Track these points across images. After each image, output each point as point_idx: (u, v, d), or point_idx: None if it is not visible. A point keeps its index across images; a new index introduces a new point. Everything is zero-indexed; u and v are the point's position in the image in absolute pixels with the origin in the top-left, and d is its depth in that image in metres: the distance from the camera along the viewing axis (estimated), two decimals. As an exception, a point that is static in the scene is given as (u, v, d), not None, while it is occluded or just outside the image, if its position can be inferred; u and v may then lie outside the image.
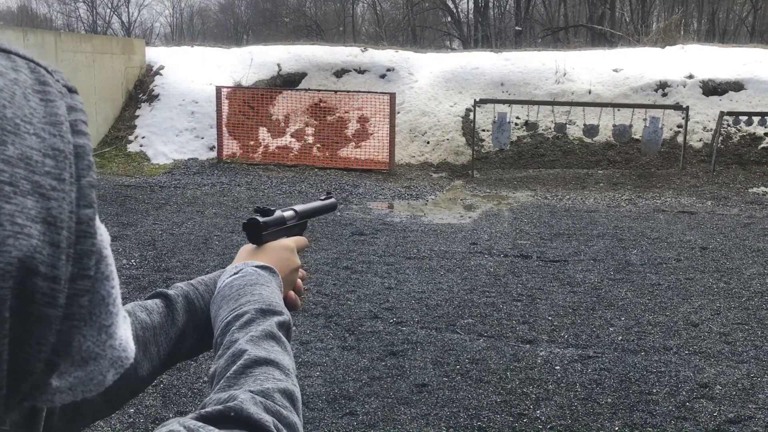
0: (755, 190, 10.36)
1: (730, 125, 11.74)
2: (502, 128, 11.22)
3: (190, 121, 12.93)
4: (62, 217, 0.41)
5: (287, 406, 0.73)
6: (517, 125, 12.22)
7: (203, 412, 0.67)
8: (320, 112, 12.84)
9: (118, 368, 0.48)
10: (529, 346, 4.59)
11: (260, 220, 1.05)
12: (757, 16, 31.10)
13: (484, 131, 12.46)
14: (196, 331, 0.97)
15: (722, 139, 11.81)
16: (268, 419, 0.67)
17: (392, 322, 4.97)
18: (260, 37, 33.81)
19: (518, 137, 12.32)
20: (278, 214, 1.09)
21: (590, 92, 12.84)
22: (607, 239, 7.44)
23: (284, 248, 1.06)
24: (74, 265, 0.42)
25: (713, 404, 3.80)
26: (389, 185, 10.74)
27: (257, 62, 14.16)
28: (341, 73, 14.06)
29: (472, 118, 12.16)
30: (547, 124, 12.30)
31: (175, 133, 12.75)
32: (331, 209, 1.29)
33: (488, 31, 33.12)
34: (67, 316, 0.42)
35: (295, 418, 0.72)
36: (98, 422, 3.39)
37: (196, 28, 48.51)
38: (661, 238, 7.53)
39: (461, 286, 5.81)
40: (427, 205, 9.52)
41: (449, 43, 36.07)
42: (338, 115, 12.75)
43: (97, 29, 38.31)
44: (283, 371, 0.78)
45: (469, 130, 12.44)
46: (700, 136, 12.03)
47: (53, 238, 0.40)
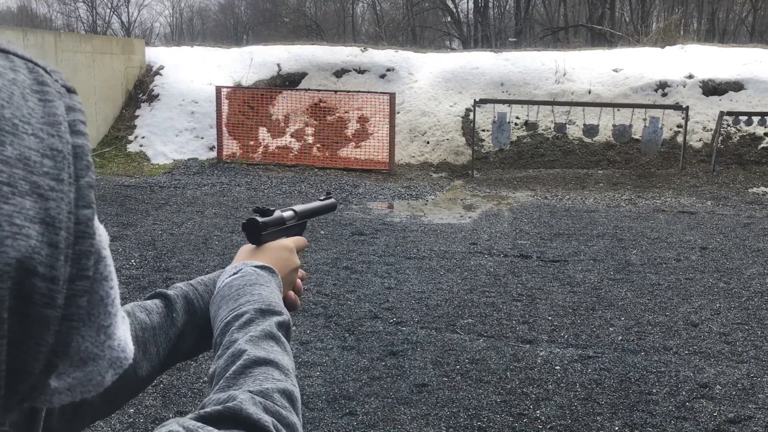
0: (755, 190, 10.36)
1: (729, 125, 11.73)
2: (501, 128, 11.22)
3: (190, 121, 12.93)
4: (61, 217, 0.40)
5: (286, 406, 0.73)
6: (516, 125, 12.22)
7: (202, 412, 0.67)
8: (320, 112, 12.84)
9: (116, 369, 0.48)
10: (529, 346, 4.59)
11: (259, 220, 1.05)
12: (757, 16, 31.10)
13: (484, 131, 12.46)
14: (195, 331, 0.96)
15: (722, 139, 11.80)
16: (267, 419, 0.67)
17: (392, 322, 4.97)
18: (260, 37, 33.81)
19: (518, 137, 12.31)
20: (278, 214, 1.09)
21: (590, 92, 12.84)
22: (606, 239, 7.44)
23: (284, 248, 1.06)
24: (73, 265, 0.42)
25: (713, 404, 3.80)
26: (389, 185, 10.73)
27: (257, 62, 14.15)
28: (341, 73, 14.06)
29: (472, 118, 12.16)
30: (547, 124, 12.30)
31: (174, 133, 12.75)
32: (330, 209, 1.29)
33: (488, 31, 33.13)
34: (65, 316, 0.42)
35: (294, 418, 0.72)
36: (98, 422, 3.39)
37: (195, 28, 48.52)
38: (661, 238, 7.53)
39: (461, 286, 5.81)
40: (427, 205, 9.52)
41: (449, 43, 36.07)
42: (338, 115, 12.74)
43: (96, 29, 38.31)
44: (282, 371, 0.77)
45: (469, 130, 12.44)
46: (699, 136, 12.03)
47: (52, 238, 0.40)
